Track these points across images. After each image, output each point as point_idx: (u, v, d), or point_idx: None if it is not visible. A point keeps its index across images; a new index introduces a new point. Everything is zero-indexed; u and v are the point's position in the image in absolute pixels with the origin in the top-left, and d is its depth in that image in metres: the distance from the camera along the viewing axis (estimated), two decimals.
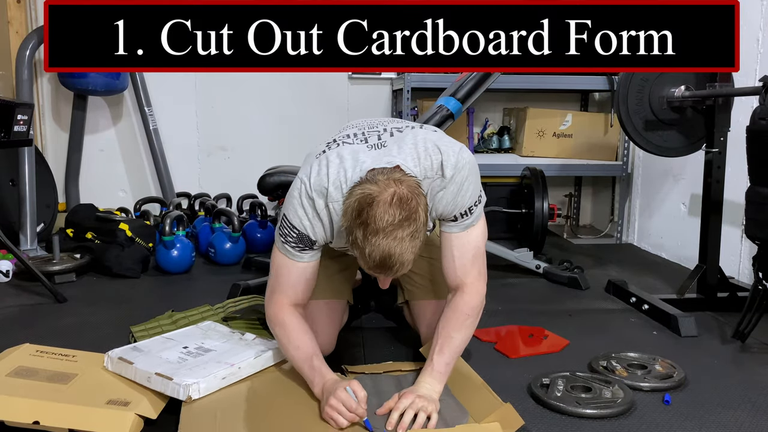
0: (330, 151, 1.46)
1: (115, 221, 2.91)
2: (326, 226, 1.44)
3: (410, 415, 1.36)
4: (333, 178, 1.39)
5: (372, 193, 1.24)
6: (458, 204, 1.45)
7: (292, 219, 1.44)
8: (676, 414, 1.49)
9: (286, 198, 1.48)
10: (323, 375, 1.43)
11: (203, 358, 1.57)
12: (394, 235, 1.23)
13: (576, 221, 3.99)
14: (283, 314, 1.51)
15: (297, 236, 1.45)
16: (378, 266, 1.27)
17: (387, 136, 1.47)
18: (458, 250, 1.51)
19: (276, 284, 1.53)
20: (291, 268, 1.50)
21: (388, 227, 1.23)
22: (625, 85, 2.36)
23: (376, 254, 1.25)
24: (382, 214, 1.23)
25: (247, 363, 1.54)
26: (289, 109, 3.85)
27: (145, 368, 1.48)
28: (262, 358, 1.58)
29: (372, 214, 1.23)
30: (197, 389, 1.41)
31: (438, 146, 1.43)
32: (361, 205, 1.24)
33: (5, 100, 2.42)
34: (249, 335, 1.72)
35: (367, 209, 1.23)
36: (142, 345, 1.65)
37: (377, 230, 1.23)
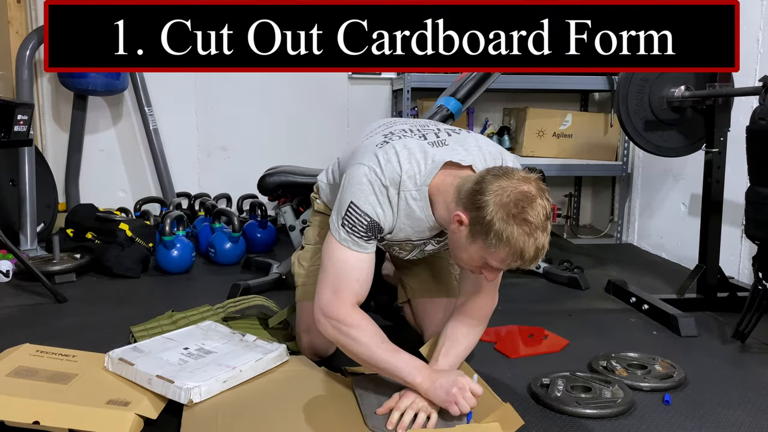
0: (394, 142, 1.45)
1: (115, 221, 2.91)
2: (394, 216, 1.44)
3: (410, 415, 1.36)
4: (406, 167, 1.40)
5: (527, 191, 1.26)
6: None
7: (364, 206, 1.40)
8: (676, 414, 1.49)
9: (347, 185, 1.43)
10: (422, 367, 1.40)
11: (204, 360, 1.57)
12: (545, 229, 1.28)
13: (576, 221, 3.99)
14: (354, 314, 1.44)
15: (368, 224, 1.41)
16: (532, 259, 1.29)
17: (444, 135, 1.51)
18: None
19: (340, 281, 1.44)
20: (358, 262, 1.44)
21: (543, 222, 1.27)
22: (625, 85, 2.36)
23: (530, 247, 1.26)
24: (540, 211, 1.26)
25: (248, 366, 1.53)
26: (289, 109, 3.85)
27: (145, 370, 1.47)
28: (263, 361, 1.57)
29: (533, 211, 1.25)
30: (198, 393, 1.40)
31: (501, 152, 1.49)
32: (519, 202, 1.25)
33: (5, 100, 2.42)
34: (249, 336, 1.72)
35: (528, 208, 1.25)
36: (142, 345, 1.65)
37: (537, 226, 1.25)
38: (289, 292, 2.44)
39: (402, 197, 1.41)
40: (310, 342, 1.73)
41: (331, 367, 1.66)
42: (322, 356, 1.74)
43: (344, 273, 1.44)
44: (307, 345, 1.74)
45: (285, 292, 2.45)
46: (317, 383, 1.54)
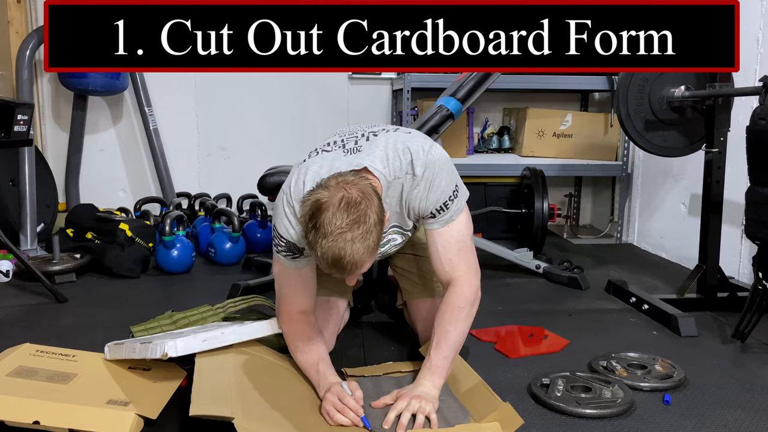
0: (309, 159, 1.52)
1: (115, 221, 2.91)
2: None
3: (407, 416, 1.36)
4: (309, 185, 1.42)
5: (321, 198, 1.27)
6: (431, 200, 1.48)
7: (279, 228, 1.50)
8: (676, 414, 1.49)
9: (274, 211, 1.53)
10: (327, 378, 1.48)
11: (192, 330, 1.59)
12: (344, 238, 1.26)
13: (576, 221, 3.99)
14: (290, 324, 1.57)
15: (286, 245, 1.50)
16: (332, 266, 1.29)
17: (363, 140, 1.51)
18: (442, 246, 1.54)
19: (280, 295, 1.59)
20: (289, 276, 1.56)
21: (336, 230, 1.25)
22: (625, 86, 2.36)
23: (328, 256, 1.27)
24: (331, 218, 1.25)
25: (231, 329, 1.53)
26: (289, 109, 3.85)
27: (133, 342, 1.51)
28: (248, 327, 1.56)
29: (322, 219, 1.26)
30: (174, 347, 1.40)
31: (408, 146, 1.47)
32: (312, 210, 1.28)
33: (5, 100, 2.42)
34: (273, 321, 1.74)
35: (317, 214, 1.26)
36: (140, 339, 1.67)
37: (326, 234, 1.25)
38: None
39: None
40: None
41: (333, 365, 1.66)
42: None
43: (282, 288, 1.58)
44: None
45: None
46: None
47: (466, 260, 1.55)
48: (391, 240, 1.63)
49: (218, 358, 1.47)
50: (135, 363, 1.56)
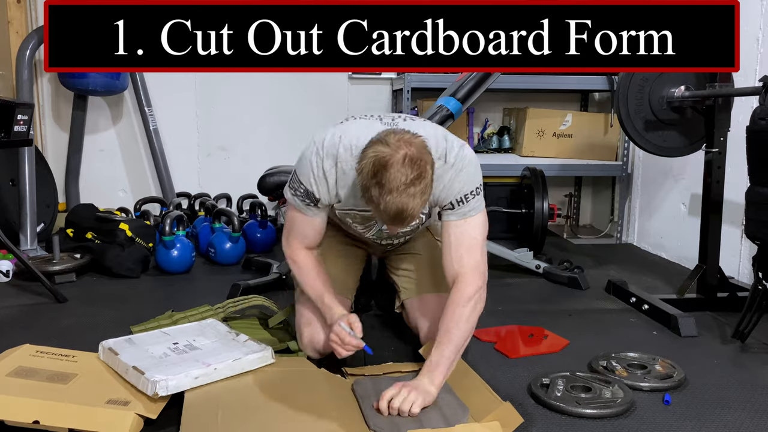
0: (346, 122, 1.60)
1: (115, 221, 2.91)
2: (331, 187, 1.56)
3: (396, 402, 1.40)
4: (345, 141, 1.52)
5: (385, 155, 1.34)
6: (455, 189, 1.53)
7: (300, 175, 1.58)
8: (676, 414, 1.49)
9: (299, 156, 1.60)
10: (332, 310, 1.61)
11: (185, 356, 1.57)
12: (407, 192, 1.34)
13: (576, 221, 3.99)
14: (297, 256, 1.69)
15: (304, 191, 1.59)
16: (392, 219, 1.39)
17: (400, 119, 1.59)
18: (455, 238, 1.58)
19: (290, 231, 1.70)
20: (301, 220, 1.65)
21: (401, 186, 1.34)
22: (625, 86, 2.36)
23: (392, 209, 1.36)
24: (396, 174, 1.33)
25: (225, 365, 1.52)
26: (289, 110, 3.85)
27: (126, 361, 1.50)
28: (241, 362, 1.55)
29: (387, 175, 1.33)
30: (165, 386, 1.40)
31: (445, 135, 1.57)
32: (375, 167, 1.35)
33: (5, 100, 2.42)
34: (242, 336, 1.72)
35: (382, 171, 1.34)
36: (136, 338, 1.69)
37: (392, 189, 1.34)
38: (289, 292, 2.44)
39: (339, 168, 1.53)
40: (311, 335, 1.73)
41: (331, 368, 1.66)
42: (322, 352, 1.74)
43: (293, 228, 1.68)
44: (307, 339, 1.74)
45: (285, 292, 2.45)
46: (317, 384, 1.54)
47: (475, 259, 1.57)
48: None
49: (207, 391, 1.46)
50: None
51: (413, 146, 1.36)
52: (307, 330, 1.74)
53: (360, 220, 1.71)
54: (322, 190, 1.56)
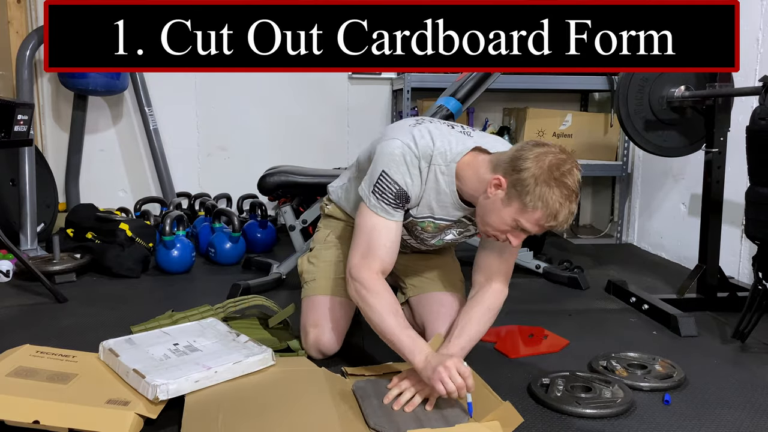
0: (428, 124, 1.59)
1: (115, 221, 2.91)
2: (421, 188, 1.55)
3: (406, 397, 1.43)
4: (438, 144, 1.52)
5: (563, 159, 1.38)
6: None
7: (394, 175, 1.51)
8: (676, 414, 1.49)
9: (379, 157, 1.54)
10: (424, 347, 1.47)
11: (186, 358, 1.57)
12: (578, 198, 1.40)
13: (576, 221, 3.99)
14: (376, 281, 1.53)
15: (397, 192, 1.52)
16: (562, 223, 1.40)
17: (469, 129, 1.63)
18: (500, 249, 1.61)
19: (368, 247, 1.55)
20: (385, 228, 1.55)
21: (577, 190, 1.39)
22: (625, 85, 2.36)
23: (566, 213, 1.38)
24: (576, 178, 1.39)
25: (225, 368, 1.52)
26: (289, 109, 3.85)
27: (126, 363, 1.49)
28: (242, 364, 1.55)
29: (572, 178, 1.37)
30: (165, 390, 1.39)
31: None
32: (560, 169, 1.37)
33: (5, 100, 2.42)
34: (243, 337, 1.72)
35: (568, 174, 1.37)
36: (136, 338, 1.68)
37: (573, 191, 1.38)
38: (289, 291, 2.45)
39: (432, 170, 1.53)
40: (316, 337, 1.73)
41: (332, 366, 1.66)
42: (326, 354, 1.75)
43: (373, 238, 1.54)
44: (312, 341, 1.74)
45: (285, 292, 2.45)
46: (318, 383, 1.54)
47: (508, 270, 1.65)
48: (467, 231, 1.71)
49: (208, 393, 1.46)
50: None
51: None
52: (313, 331, 1.74)
53: (431, 229, 1.67)
54: (415, 190, 1.54)
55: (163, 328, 1.78)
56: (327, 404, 1.43)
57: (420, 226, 1.66)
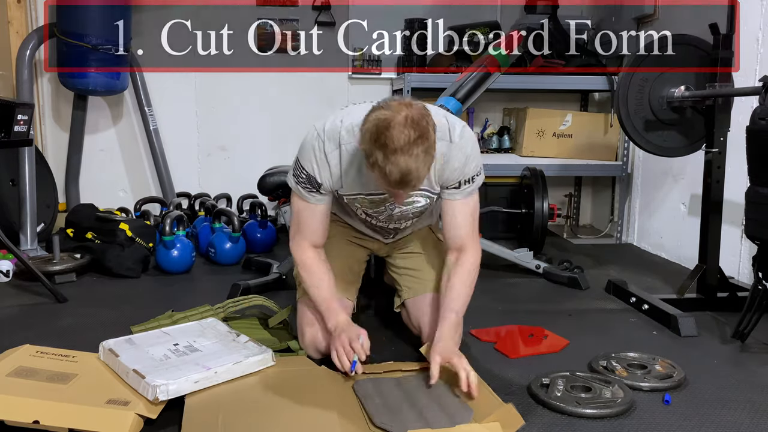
0: (345, 108, 1.66)
1: (115, 221, 2.90)
2: (334, 171, 1.60)
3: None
4: (347, 123, 1.56)
5: (387, 116, 1.36)
6: (467, 170, 1.62)
7: (302, 160, 1.62)
8: (676, 414, 1.49)
9: (300, 146, 1.65)
10: (337, 315, 1.64)
11: (186, 358, 1.57)
12: (410, 152, 1.35)
13: (576, 221, 3.99)
14: (305, 256, 1.70)
15: (306, 177, 1.62)
16: (398, 183, 1.39)
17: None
18: (461, 215, 1.68)
19: (297, 228, 1.71)
20: (307, 210, 1.68)
21: (405, 146, 1.35)
22: (625, 86, 2.36)
23: (396, 172, 1.37)
24: (399, 135, 1.34)
25: (225, 368, 1.52)
26: (289, 109, 3.85)
27: (126, 363, 1.50)
28: (242, 365, 1.55)
29: (389, 135, 1.34)
30: (165, 391, 1.40)
31: (446, 115, 1.62)
32: (378, 128, 1.36)
33: (5, 100, 2.42)
34: (243, 337, 1.72)
35: (385, 132, 1.35)
36: (136, 338, 1.68)
37: (395, 150, 1.35)
38: (289, 291, 2.45)
39: (343, 150, 1.58)
40: (313, 336, 1.73)
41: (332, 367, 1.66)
42: (324, 353, 1.75)
43: (300, 220, 1.70)
44: (309, 339, 1.74)
45: (285, 292, 2.45)
46: (318, 383, 1.54)
47: (475, 232, 1.72)
48: (415, 202, 1.71)
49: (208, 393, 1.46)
50: None
51: (414, 108, 1.38)
52: (309, 330, 1.74)
53: (368, 205, 1.72)
54: (324, 174, 1.60)
55: (163, 328, 1.79)
56: (327, 404, 1.43)
57: (357, 204, 1.72)
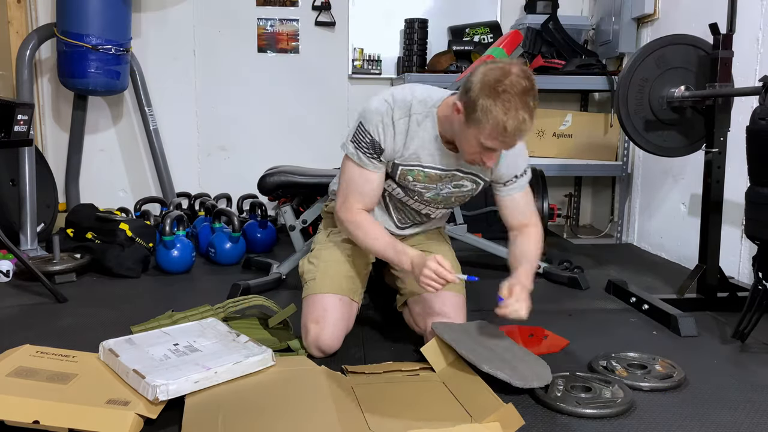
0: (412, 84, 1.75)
1: (116, 221, 2.90)
2: (398, 138, 1.67)
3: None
4: (419, 96, 1.66)
5: (503, 67, 1.43)
6: (518, 164, 1.78)
7: (368, 126, 1.67)
8: (676, 414, 1.49)
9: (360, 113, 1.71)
10: (408, 253, 1.67)
11: (186, 358, 1.57)
12: (525, 101, 1.41)
13: (576, 221, 3.99)
14: (357, 216, 1.73)
15: (370, 142, 1.67)
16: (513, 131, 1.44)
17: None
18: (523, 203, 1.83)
19: (348, 192, 1.74)
20: (360, 176, 1.72)
21: (522, 94, 1.41)
22: (625, 86, 2.36)
23: (513, 119, 1.42)
24: (517, 82, 1.40)
25: (225, 368, 1.52)
26: (289, 109, 3.85)
27: (126, 363, 1.50)
28: (242, 365, 1.55)
29: (509, 82, 1.40)
30: (165, 391, 1.40)
31: None
32: (496, 76, 1.42)
33: (5, 100, 2.42)
34: (243, 337, 1.72)
35: (503, 79, 1.41)
36: (136, 338, 1.68)
37: (514, 95, 1.40)
38: (289, 291, 2.45)
39: (413, 119, 1.65)
40: (317, 335, 1.73)
41: (332, 366, 1.66)
42: (326, 352, 1.75)
43: (351, 185, 1.73)
44: (313, 338, 1.74)
45: (285, 292, 2.45)
46: (319, 383, 1.54)
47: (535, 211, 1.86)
48: (462, 186, 1.80)
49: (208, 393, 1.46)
50: None
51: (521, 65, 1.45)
52: (314, 328, 1.74)
53: (423, 179, 1.75)
54: (389, 139, 1.66)
55: (164, 328, 1.79)
56: (328, 404, 1.43)
57: (410, 176, 1.74)
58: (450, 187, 1.78)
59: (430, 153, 1.68)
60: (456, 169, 1.73)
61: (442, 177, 1.74)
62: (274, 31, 3.78)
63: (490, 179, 1.80)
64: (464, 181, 1.77)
